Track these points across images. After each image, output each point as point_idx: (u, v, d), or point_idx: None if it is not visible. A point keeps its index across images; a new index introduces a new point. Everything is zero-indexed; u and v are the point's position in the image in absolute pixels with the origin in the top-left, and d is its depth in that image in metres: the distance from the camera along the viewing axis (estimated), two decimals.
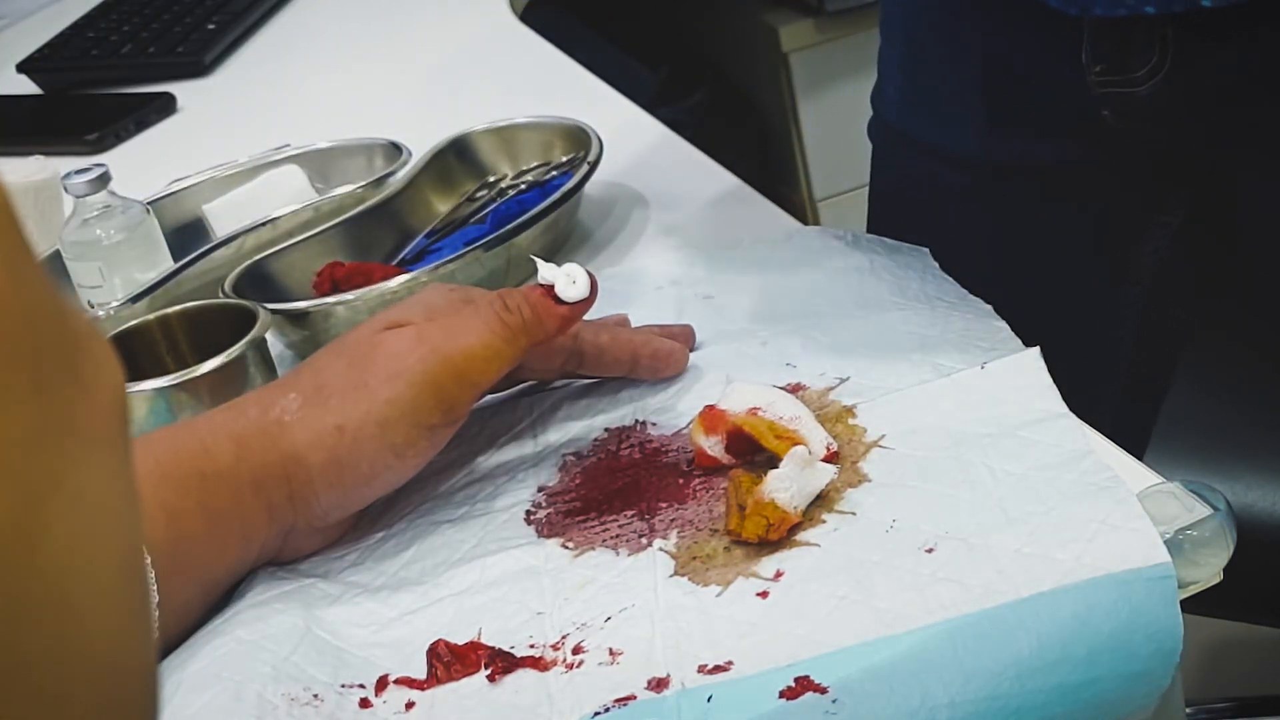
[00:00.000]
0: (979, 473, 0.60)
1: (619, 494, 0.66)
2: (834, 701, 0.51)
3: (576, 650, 0.57)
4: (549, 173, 0.98)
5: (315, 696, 0.56)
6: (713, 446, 0.65)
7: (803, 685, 0.52)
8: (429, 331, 0.64)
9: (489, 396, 0.72)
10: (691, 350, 0.75)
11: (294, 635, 0.59)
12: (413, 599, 0.62)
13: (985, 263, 0.79)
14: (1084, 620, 0.53)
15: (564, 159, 0.98)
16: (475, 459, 0.71)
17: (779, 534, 0.59)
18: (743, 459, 0.65)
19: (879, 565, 0.57)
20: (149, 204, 0.92)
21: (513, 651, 0.58)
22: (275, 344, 0.83)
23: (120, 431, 0.31)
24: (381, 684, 0.58)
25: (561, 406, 0.73)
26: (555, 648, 0.58)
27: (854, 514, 0.60)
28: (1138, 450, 0.66)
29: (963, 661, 0.52)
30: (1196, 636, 0.53)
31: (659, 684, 0.54)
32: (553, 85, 1.23)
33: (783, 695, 0.52)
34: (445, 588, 0.62)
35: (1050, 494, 0.58)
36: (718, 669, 0.54)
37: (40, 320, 0.29)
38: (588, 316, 0.68)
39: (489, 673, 0.57)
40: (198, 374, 0.71)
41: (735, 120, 2.13)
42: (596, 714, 0.54)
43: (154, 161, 1.21)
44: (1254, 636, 1.28)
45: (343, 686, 0.57)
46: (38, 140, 1.27)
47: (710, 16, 2.19)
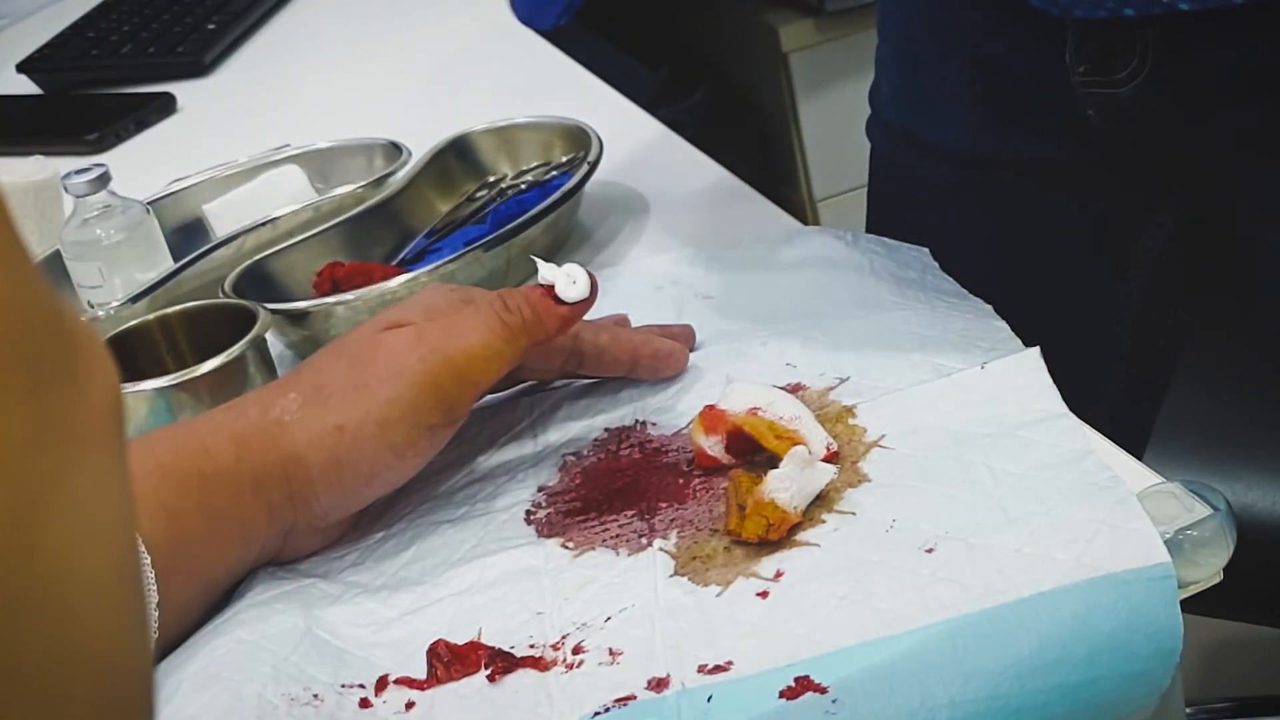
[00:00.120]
0: (979, 473, 0.60)
1: (619, 494, 0.66)
2: (834, 701, 0.51)
3: (576, 650, 0.57)
4: (549, 173, 0.97)
5: (315, 696, 0.56)
6: (713, 446, 0.65)
7: (803, 685, 0.52)
8: (429, 331, 0.64)
9: (489, 396, 0.72)
10: (691, 350, 0.75)
11: (294, 635, 0.59)
12: (413, 599, 0.62)
13: (981, 259, 0.79)
14: (1084, 620, 0.53)
15: (564, 159, 0.98)
16: (475, 459, 0.71)
17: (779, 534, 0.59)
18: (743, 459, 0.65)
19: (879, 565, 0.57)
20: (149, 204, 0.92)
21: (513, 651, 0.58)
22: (275, 344, 0.83)
23: (116, 433, 0.31)
24: (381, 684, 0.58)
25: (561, 406, 0.73)
26: (555, 648, 0.58)
27: (854, 514, 0.60)
28: (1137, 450, 0.66)
29: (963, 661, 0.52)
30: (1196, 636, 0.53)
31: (659, 684, 0.54)
32: (553, 85, 1.23)
33: (783, 695, 0.52)
34: (445, 588, 0.62)
35: (1050, 494, 0.58)
36: (718, 669, 0.54)
37: (37, 321, 0.29)
38: (588, 316, 0.68)
39: (489, 673, 0.57)
40: (198, 374, 0.71)
41: (735, 120, 2.13)
42: (596, 714, 0.54)
43: (154, 161, 1.21)
44: (1254, 636, 1.28)
45: (343, 686, 0.57)
46: (38, 140, 1.28)
47: (710, 16, 2.19)
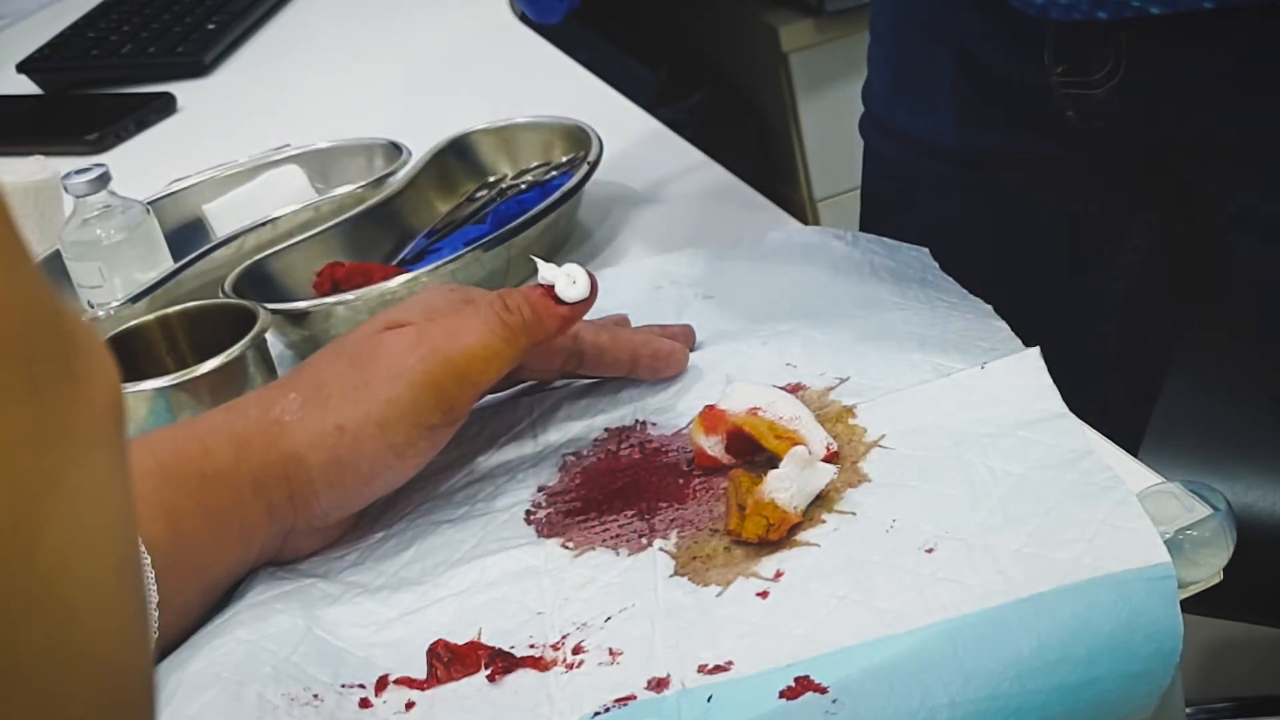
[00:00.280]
0: (979, 473, 0.60)
1: (619, 494, 0.66)
2: (834, 701, 0.51)
3: (576, 650, 0.57)
4: (549, 173, 0.98)
5: (315, 696, 0.56)
6: (713, 446, 0.65)
7: (803, 685, 0.52)
8: (429, 331, 0.64)
9: (489, 396, 0.72)
10: (691, 350, 0.74)
11: (294, 635, 0.59)
12: (413, 599, 0.62)
13: (971, 255, 0.80)
14: (1084, 620, 0.53)
15: (564, 159, 0.98)
16: (475, 459, 0.71)
17: (779, 534, 0.59)
18: (743, 459, 0.65)
19: (879, 565, 0.57)
20: (149, 204, 0.92)
21: (513, 651, 0.58)
22: (275, 344, 0.83)
23: (116, 432, 0.31)
24: (381, 684, 0.58)
25: (561, 406, 0.73)
26: (555, 648, 0.58)
27: (854, 514, 0.60)
28: (1132, 450, 0.66)
29: (963, 661, 0.52)
30: (1196, 636, 0.53)
31: (659, 684, 0.54)
32: (553, 85, 1.23)
33: (783, 695, 0.52)
34: (445, 588, 0.62)
35: (1050, 494, 0.58)
36: (718, 669, 0.54)
37: (37, 321, 0.29)
38: (588, 316, 0.68)
39: (489, 673, 0.57)
40: (198, 374, 0.71)
41: (735, 120, 2.13)
42: (596, 714, 0.54)
43: (154, 161, 1.21)
44: (1254, 636, 1.28)
45: (343, 686, 0.57)
46: (38, 140, 1.28)
47: (710, 16, 2.19)
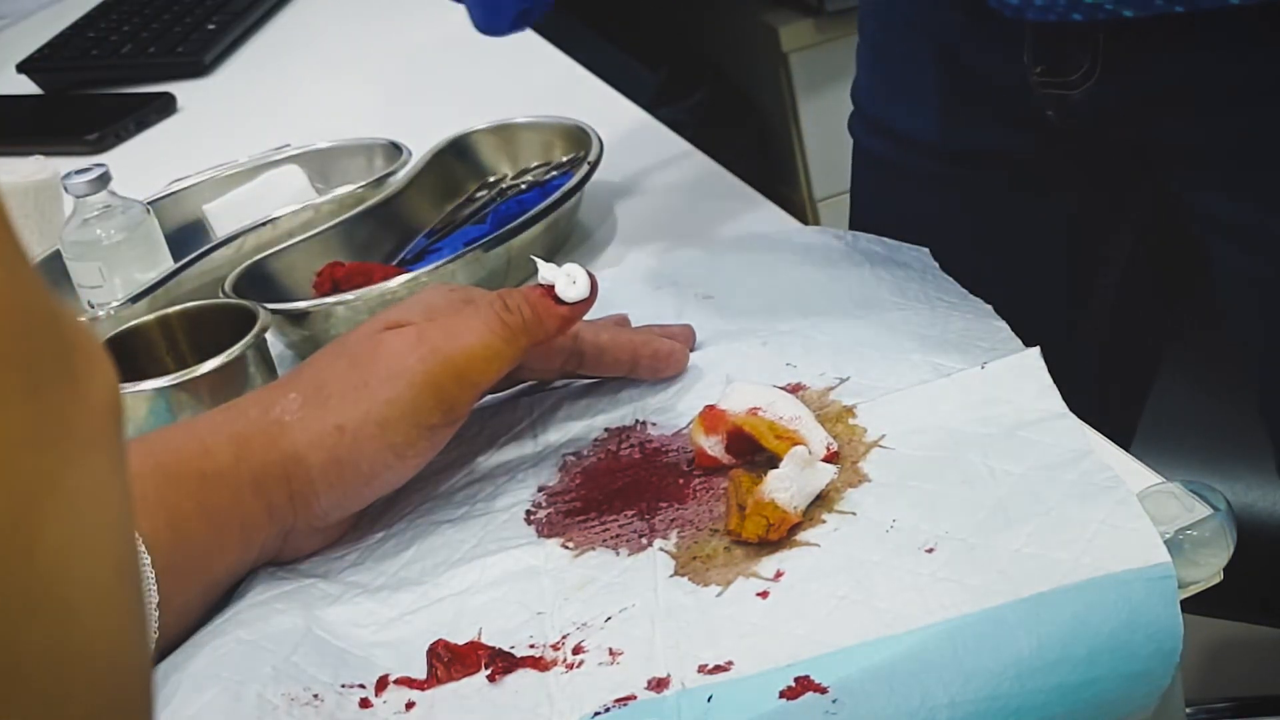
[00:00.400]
0: (979, 473, 0.60)
1: (619, 494, 0.66)
2: (834, 701, 0.51)
3: (576, 650, 0.57)
4: (549, 173, 0.98)
5: (315, 696, 0.56)
6: (713, 446, 0.65)
7: (803, 685, 0.52)
8: (429, 331, 0.64)
9: (489, 396, 0.72)
10: (691, 350, 0.74)
11: (294, 635, 0.59)
12: (413, 599, 0.62)
13: (954, 251, 0.80)
14: (1084, 620, 0.53)
15: (564, 159, 0.98)
16: (475, 459, 0.71)
17: (779, 534, 0.59)
18: (743, 459, 0.65)
19: (879, 565, 0.57)
20: (149, 204, 0.92)
21: (513, 651, 0.58)
22: (275, 344, 0.83)
23: (115, 433, 0.31)
24: (381, 684, 0.58)
25: (561, 406, 0.73)
26: (555, 648, 0.58)
27: (854, 514, 0.60)
28: (1121, 448, 0.66)
29: (963, 661, 0.52)
30: (1196, 636, 0.53)
31: (659, 684, 0.54)
32: (553, 85, 1.23)
33: (783, 695, 0.52)
34: (445, 588, 0.62)
35: (1050, 494, 0.58)
36: (718, 669, 0.54)
37: (35, 322, 0.29)
38: (588, 316, 0.68)
39: (489, 673, 0.57)
40: (198, 374, 0.71)
41: (735, 120, 2.13)
42: (596, 714, 0.54)
43: (154, 161, 1.21)
44: (1254, 636, 1.28)
45: (343, 686, 0.57)
46: (38, 140, 1.28)
47: (710, 16, 2.19)
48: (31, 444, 0.28)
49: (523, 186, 0.97)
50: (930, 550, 0.57)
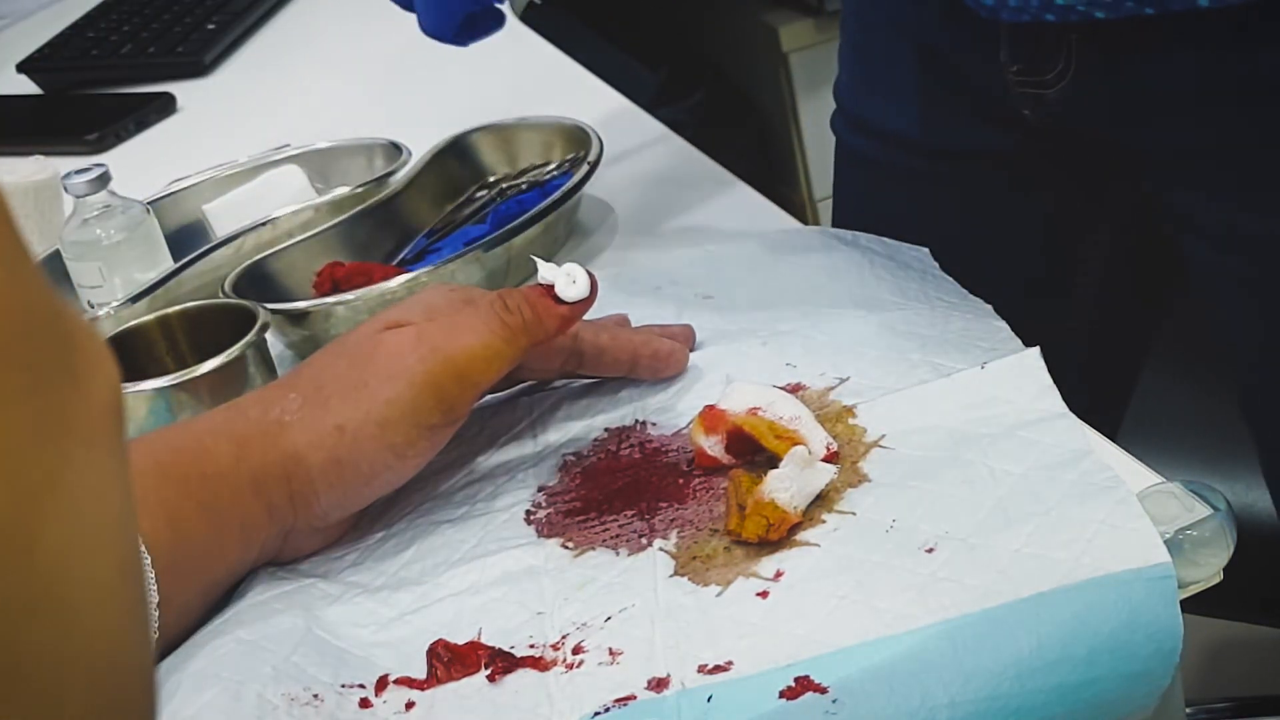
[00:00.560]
0: (979, 473, 0.60)
1: (619, 494, 0.66)
2: (834, 701, 0.51)
3: (576, 650, 0.57)
4: (549, 173, 0.97)
5: (315, 696, 0.56)
6: (713, 446, 0.65)
7: (803, 685, 0.52)
8: (429, 331, 0.64)
9: (489, 396, 0.72)
10: (691, 350, 0.74)
11: (294, 635, 0.59)
12: (413, 599, 0.62)
13: (936, 247, 0.80)
14: (1084, 620, 0.53)
15: (564, 159, 0.98)
16: (475, 459, 0.71)
17: (779, 534, 0.59)
18: (743, 459, 0.65)
19: (879, 565, 0.57)
20: (149, 204, 0.92)
21: (513, 651, 0.58)
22: (275, 344, 0.83)
23: (116, 431, 0.31)
24: (381, 684, 0.58)
25: (561, 406, 0.73)
26: (555, 648, 0.58)
27: (854, 514, 0.60)
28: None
29: (963, 661, 0.52)
30: (1196, 636, 0.53)
31: (659, 684, 0.54)
32: (553, 85, 1.23)
33: (783, 695, 0.52)
34: (445, 588, 0.62)
35: (1050, 494, 0.58)
36: (718, 669, 0.54)
37: (37, 321, 0.29)
38: (588, 316, 0.68)
39: (489, 673, 0.57)
40: (198, 374, 0.71)
41: (735, 120, 2.13)
42: (596, 714, 0.54)
43: (154, 161, 1.21)
44: (1254, 636, 1.28)
45: (343, 686, 0.57)
46: (38, 140, 1.27)
47: (710, 16, 2.19)
48: (32, 441, 0.28)
49: (523, 186, 0.97)
50: (930, 550, 0.57)
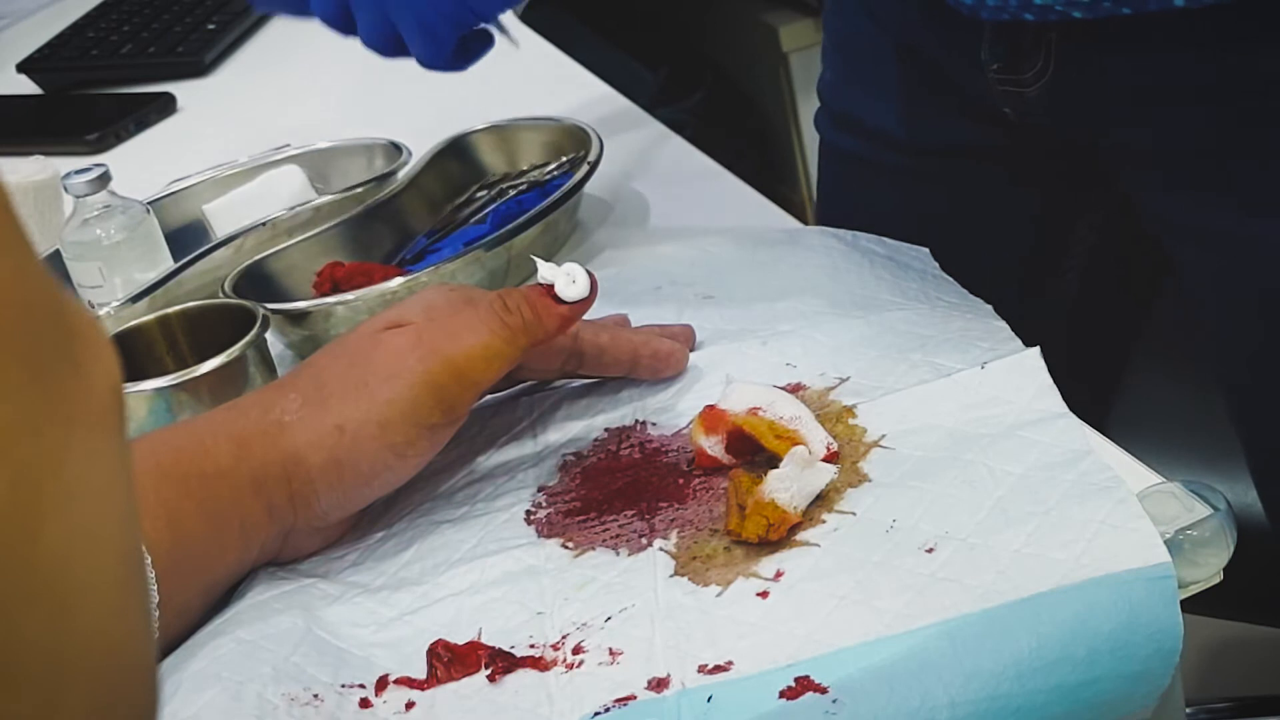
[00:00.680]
0: (979, 473, 0.60)
1: (619, 494, 0.66)
2: (834, 701, 0.51)
3: (576, 650, 0.57)
4: (549, 173, 0.97)
5: (315, 696, 0.56)
6: (713, 446, 0.65)
7: (803, 685, 0.52)
8: (429, 331, 0.64)
9: (489, 396, 0.72)
10: (691, 350, 0.74)
11: (294, 635, 0.59)
12: (413, 599, 0.62)
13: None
14: (1084, 620, 0.53)
15: (564, 159, 0.98)
16: (475, 459, 0.71)
17: (779, 534, 0.59)
18: (743, 459, 0.65)
19: (879, 565, 0.57)
20: (149, 204, 0.92)
21: (513, 651, 0.58)
22: (275, 344, 0.83)
23: (117, 420, 0.31)
24: (381, 684, 0.58)
25: (561, 406, 0.73)
26: (555, 648, 0.58)
27: (854, 514, 0.60)
28: None
29: (963, 661, 0.52)
30: (1196, 636, 0.53)
31: (659, 684, 0.54)
32: (553, 85, 1.23)
33: (783, 695, 0.52)
34: (445, 588, 0.62)
35: (1050, 494, 0.58)
36: (718, 669, 0.54)
37: (38, 310, 0.29)
38: (588, 316, 0.68)
39: (489, 673, 0.57)
40: (198, 374, 0.71)
41: (735, 120, 2.13)
42: (596, 714, 0.54)
43: (154, 161, 1.21)
44: (1254, 636, 1.28)
45: (343, 686, 0.57)
46: (38, 140, 1.27)
47: (710, 16, 2.19)
48: (33, 430, 0.28)
49: (523, 186, 0.97)
50: (930, 550, 0.57)
